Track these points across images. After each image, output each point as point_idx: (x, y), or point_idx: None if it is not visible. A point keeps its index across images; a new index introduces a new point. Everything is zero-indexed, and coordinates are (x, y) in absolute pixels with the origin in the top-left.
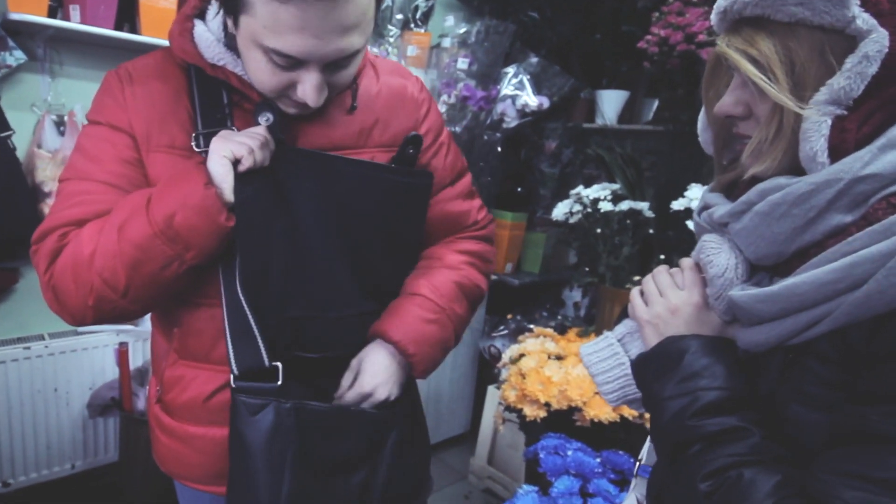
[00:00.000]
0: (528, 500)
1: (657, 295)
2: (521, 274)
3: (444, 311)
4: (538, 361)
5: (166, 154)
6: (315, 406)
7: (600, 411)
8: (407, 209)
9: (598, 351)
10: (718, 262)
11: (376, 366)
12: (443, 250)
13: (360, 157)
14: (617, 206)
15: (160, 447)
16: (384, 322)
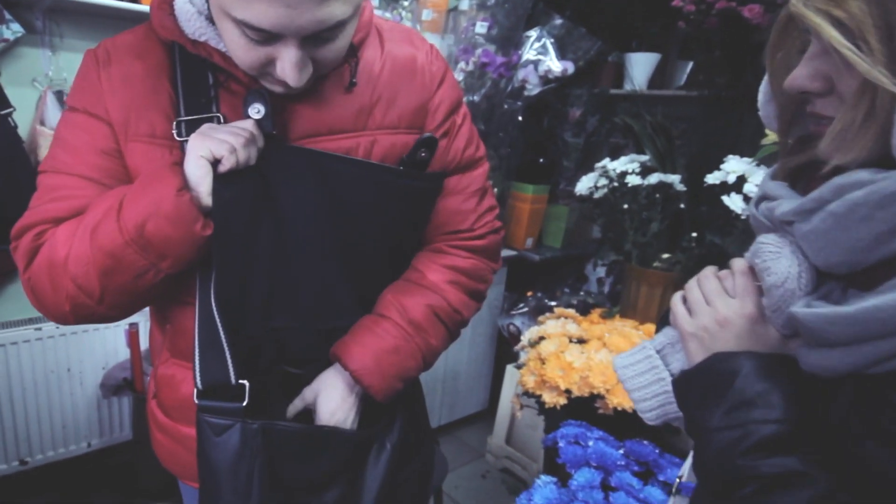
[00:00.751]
0: (546, 493)
1: (703, 303)
2: (542, 249)
3: (412, 340)
4: (558, 345)
5: (146, 144)
6: (284, 426)
7: (624, 399)
8: (412, 215)
9: (634, 364)
10: (778, 270)
11: (333, 402)
12: (427, 263)
13: (360, 140)
14: (645, 179)
15: (158, 445)
16: (345, 345)
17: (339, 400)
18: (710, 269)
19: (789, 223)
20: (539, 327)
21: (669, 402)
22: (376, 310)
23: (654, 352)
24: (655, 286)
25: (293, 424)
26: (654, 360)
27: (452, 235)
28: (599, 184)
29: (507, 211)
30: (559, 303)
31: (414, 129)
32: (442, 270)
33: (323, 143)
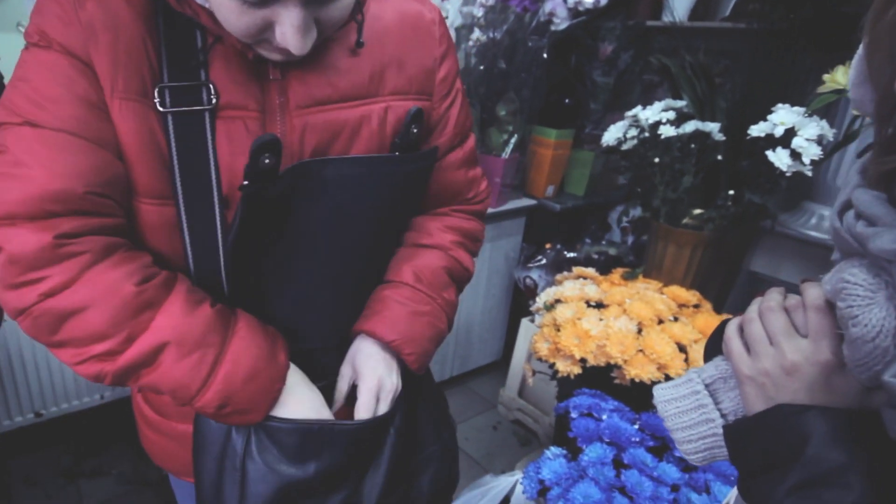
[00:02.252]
0: (555, 466)
1: (766, 343)
2: (563, 197)
3: (435, 301)
4: (575, 311)
5: (141, 104)
6: (275, 425)
7: (643, 371)
8: (410, 197)
9: (678, 398)
10: (868, 321)
11: (373, 360)
12: (431, 225)
13: (374, 108)
14: (680, 127)
15: (147, 441)
16: (371, 321)
17: (379, 358)
18: (776, 297)
19: (889, 261)
20: (555, 289)
21: (719, 445)
22: (390, 277)
23: (703, 386)
24: (684, 246)
25: (285, 420)
26: (703, 398)
27: (463, 203)
28: (629, 134)
29: (528, 157)
30: (579, 255)
31: (423, 95)
32: (448, 231)
33: (335, 113)
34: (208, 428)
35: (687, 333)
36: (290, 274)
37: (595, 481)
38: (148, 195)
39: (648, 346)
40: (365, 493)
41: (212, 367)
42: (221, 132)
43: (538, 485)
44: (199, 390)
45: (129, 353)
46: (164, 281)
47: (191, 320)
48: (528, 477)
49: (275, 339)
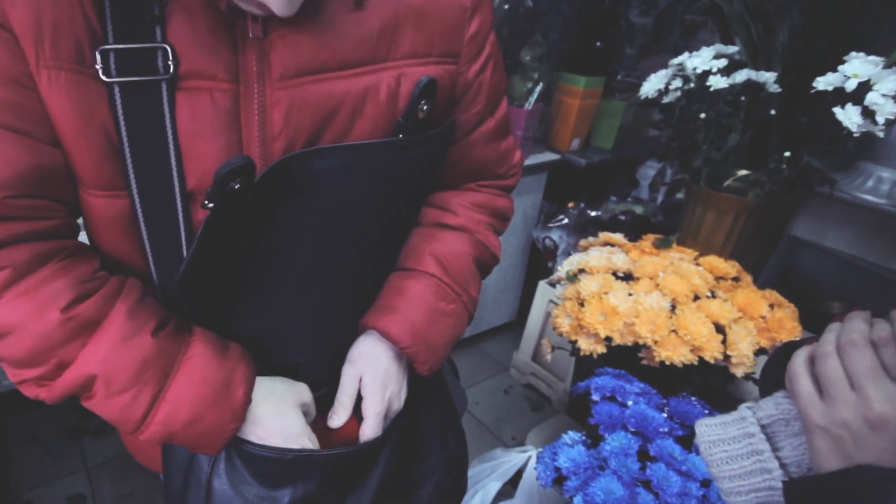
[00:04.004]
0: (573, 454)
1: (845, 386)
2: (589, 151)
3: (459, 299)
4: (602, 285)
5: (76, 74)
6: (245, 449)
7: (675, 353)
8: (421, 184)
9: (727, 440)
10: None
11: (383, 374)
12: (455, 201)
13: (382, 76)
14: (730, 77)
15: (126, 439)
16: (386, 317)
17: (397, 385)
18: (860, 327)
19: None
20: (579, 256)
21: (775, 500)
22: (410, 264)
23: (759, 428)
24: (725, 213)
25: (257, 447)
26: (758, 443)
27: (493, 178)
28: (672, 85)
29: (553, 107)
30: (604, 214)
31: (448, 58)
32: (476, 210)
33: (332, 84)
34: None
35: (726, 312)
36: (269, 284)
37: (617, 475)
38: (95, 186)
39: (683, 326)
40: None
41: (148, 407)
42: (183, 108)
43: (554, 472)
44: (137, 429)
45: (62, 381)
46: (105, 297)
47: (124, 353)
48: (542, 463)
49: (233, 371)
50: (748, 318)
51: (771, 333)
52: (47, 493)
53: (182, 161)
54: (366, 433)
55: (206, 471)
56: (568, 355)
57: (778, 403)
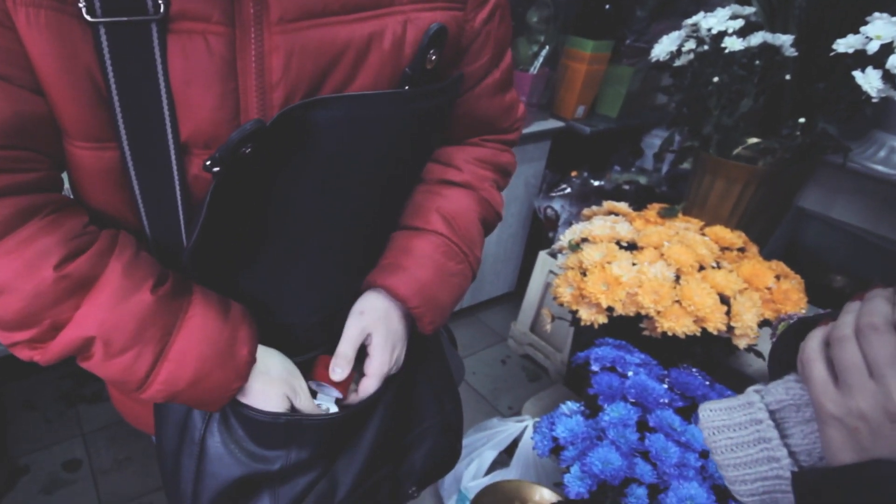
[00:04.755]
0: (570, 424)
1: (864, 374)
2: (594, 119)
3: (466, 259)
4: (605, 254)
5: (57, 14)
6: (240, 410)
7: (677, 324)
8: (427, 140)
9: (733, 426)
10: None
11: (390, 333)
12: (459, 157)
13: (387, 22)
14: (745, 39)
15: (116, 401)
16: (393, 276)
17: (401, 344)
18: (882, 308)
19: None
20: (582, 225)
21: (783, 489)
22: (416, 223)
23: (767, 414)
24: (734, 182)
25: (257, 411)
26: (766, 430)
27: (497, 133)
28: (686, 47)
29: (559, 72)
30: (607, 184)
31: (455, 4)
32: (480, 166)
33: (335, 29)
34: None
35: (731, 283)
36: (267, 241)
37: (615, 445)
38: (82, 138)
39: (687, 296)
40: (339, 472)
41: (151, 367)
42: (175, 53)
43: (551, 442)
44: (139, 389)
45: (57, 343)
46: (98, 254)
47: (123, 312)
48: (540, 432)
49: (237, 330)
50: (753, 289)
51: (776, 305)
52: (44, 458)
53: (175, 109)
54: (366, 390)
55: (199, 429)
56: (567, 325)
57: (789, 388)
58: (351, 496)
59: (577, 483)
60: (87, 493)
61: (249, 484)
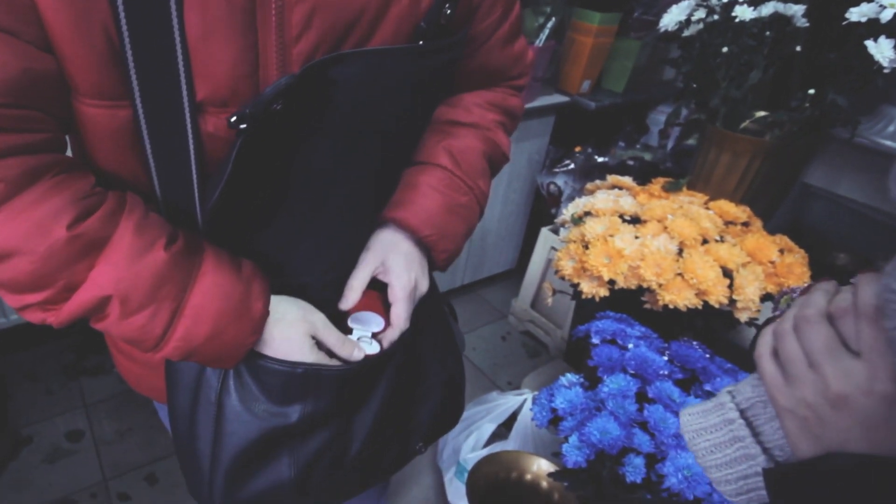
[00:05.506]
0: (570, 395)
1: (803, 363)
2: (599, 93)
3: (472, 192)
4: (608, 227)
5: None
6: (257, 363)
7: (679, 296)
8: (436, 95)
9: (709, 428)
10: None
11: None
12: (468, 99)
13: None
14: (756, 8)
15: (122, 368)
16: (403, 209)
17: (420, 269)
18: (817, 301)
19: None
20: (585, 199)
21: (763, 486)
22: (421, 158)
23: (738, 413)
24: (740, 155)
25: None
26: (739, 429)
27: (505, 81)
28: (695, 16)
29: (564, 46)
30: (611, 160)
31: None
32: (488, 109)
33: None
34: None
35: (734, 257)
36: (282, 200)
37: (614, 415)
38: (93, 96)
39: (689, 269)
40: (354, 429)
41: (168, 324)
42: (192, 4)
43: (550, 413)
44: (155, 347)
45: (71, 304)
46: (108, 214)
47: (138, 270)
48: (539, 404)
49: (250, 285)
50: (757, 262)
51: (779, 279)
52: (46, 429)
53: (191, 67)
54: (398, 317)
55: (215, 388)
56: (568, 302)
57: (754, 386)
58: (362, 453)
59: (574, 452)
60: (89, 462)
61: (268, 443)
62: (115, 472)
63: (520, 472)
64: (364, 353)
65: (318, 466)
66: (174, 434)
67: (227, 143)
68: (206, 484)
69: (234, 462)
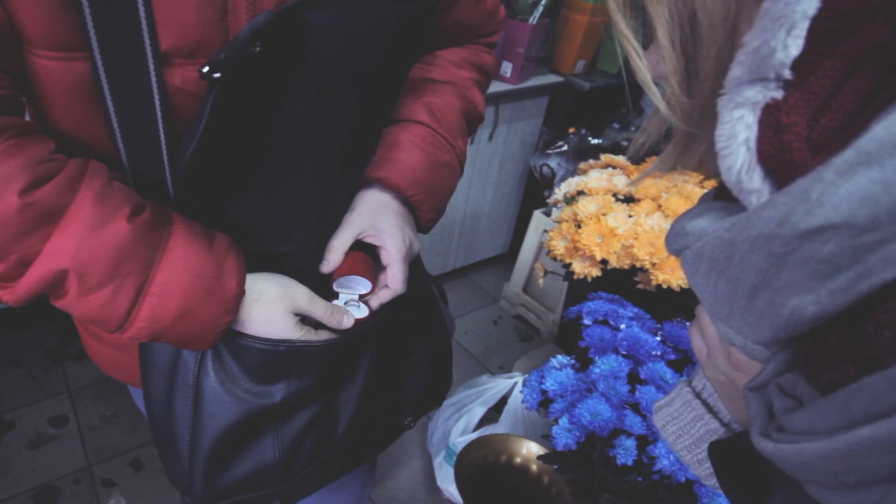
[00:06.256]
0: (560, 377)
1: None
2: (594, 74)
3: (453, 150)
4: (601, 206)
5: None
6: (236, 341)
7: (673, 276)
8: (414, 47)
9: (674, 414)
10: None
11: (395, 216)
12: (443, 56)
13: None
14: None
15: (91, 350)
16: (387, 167)
17: (411, 228)
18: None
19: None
20: (578, 178)
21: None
22: (401, 115)
23: (694, 395)
24: None
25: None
26: (697, 408)
27: (478, 38)
28: None
29: (559, 24)
30: (605, 141)
31: None
32: (463, 66)
33: None
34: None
35: None
36: (257, 161)
37: (605, 397)
38: (46, 46)
39: None
40: (340, 406)
41: (132, 302)
42: None
43: (540, 395)
44: (120, 327)
45: (26, 280)
46: (66, 182)
47: (97, 243)
48: (529, 386)
49: (223, 260)
50: None
51: None
52: (30, 414)
53: (153, 12)
54: (395, 279)
55: (192, 369)
56: (559, 286)
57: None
58: (350, 429)
59: (564, 434)
60: (73, 448)
61: (251, 424)
62: (100, 458)
63: (509, 456)
64: (354, 318)
65: (304, 445)
66: (150, 419)
67: (197, 99)
68: (185, 471)
69: (215, 446)
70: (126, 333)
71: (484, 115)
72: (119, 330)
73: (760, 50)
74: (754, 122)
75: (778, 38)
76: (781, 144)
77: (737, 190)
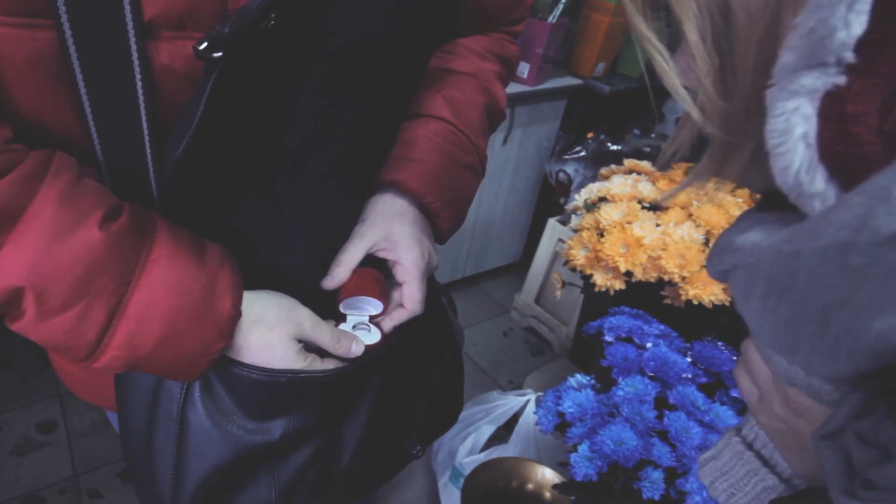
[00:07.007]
0: (579, 398)
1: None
2: (614, 77)
3: (475, 150)
4: (626, 213)
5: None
6: (230, 370)
7: (705, 291)
8: (426, 43)
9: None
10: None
11: (412, 227)
12: (465, 44)
13: None
14: None
15: (62, 372)
16: (403, 169)
17: (429, 240)
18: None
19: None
20: (600, 184)
21: None
22: (420, 109)
23: (745, 446)
24: None
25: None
26: (750, 461)
27: (497, 27)
28: None
29: (579, 24)
30: (626, 147)
31: None
32: (486, 57)
33: None
34: None
35: None
36: (261, 158)
37: (630, 423)
38: (4, 11)
39: None
40: (343, 439)
41: (103, 328)
42: None
43: (556, 418)
44: (88, 357)
45: None
46: (23, 178)
47: (60, 254)
48: (544, 407)
49: (216, 276)
50: None
51: None
52: (18, 418)
53: None
54: (411, 299)
55: (177, 400)
56: (574, 297)
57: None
58: (353, 464)
59: (584, 463)
60: (60, 455)
61: (243, 464)
62: (87, 468)
63: (521, 481)
64: (364, 345)
65: (302, 484)
66: (126, 453)
67: (187, 82)
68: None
69: (202, 489)
70: (97, 363)
71: (506, 112)
72: (88, 359)
73: (817, 30)
74: (813, 114)
75: (838, 14)
76: (848, 138)
77: (795, 195)
